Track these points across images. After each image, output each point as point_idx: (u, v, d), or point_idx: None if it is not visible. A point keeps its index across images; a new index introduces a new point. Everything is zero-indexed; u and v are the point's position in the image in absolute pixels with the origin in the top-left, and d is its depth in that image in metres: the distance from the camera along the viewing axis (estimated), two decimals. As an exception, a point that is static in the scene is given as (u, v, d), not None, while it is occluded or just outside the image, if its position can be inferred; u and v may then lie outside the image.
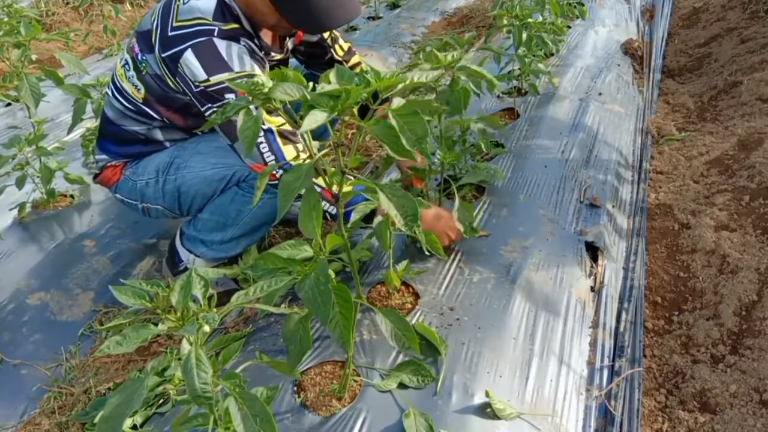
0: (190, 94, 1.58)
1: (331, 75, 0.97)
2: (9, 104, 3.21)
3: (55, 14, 4.70)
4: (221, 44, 1.52)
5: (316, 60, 2.03)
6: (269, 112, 1.48)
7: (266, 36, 1.73)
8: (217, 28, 1.53)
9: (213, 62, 1.50)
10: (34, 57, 2.07)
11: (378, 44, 4.20)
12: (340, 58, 2.03)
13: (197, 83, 1.52)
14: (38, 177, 2.22)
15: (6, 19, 2.11)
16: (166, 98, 1.68)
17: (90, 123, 2.37)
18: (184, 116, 1.74)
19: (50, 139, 2.77)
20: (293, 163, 1.50)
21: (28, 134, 2.16)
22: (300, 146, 1.54)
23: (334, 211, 1.55)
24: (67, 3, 4.90)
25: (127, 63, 1.71)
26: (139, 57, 1.66)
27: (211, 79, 1.50)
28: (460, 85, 1.53)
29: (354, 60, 2.08)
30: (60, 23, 4.66)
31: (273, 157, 1.51)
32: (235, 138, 1.54)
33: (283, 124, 1.52)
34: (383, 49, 4.10)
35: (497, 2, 2.58)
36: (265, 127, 1.50)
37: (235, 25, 1.57)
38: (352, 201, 1.43)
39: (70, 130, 2.26)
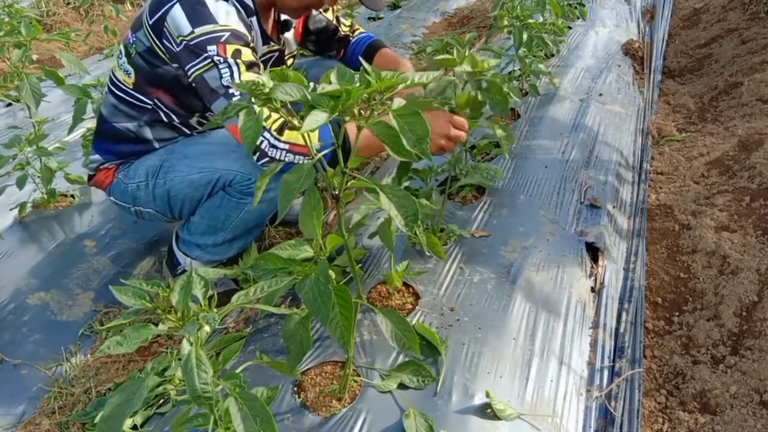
0: (175, 58, 1.60)
1: (332, 75, 0.97)
2: (10, 104, 3.21)
3: (55, 14, 4.70)
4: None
5: (329, 42, 2.09)
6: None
7: (267, 24, 1.77)
8: None
9: (198, 14, 1.53)
10: (34, 57, 2.08)
11: (378, 45, 4.18)
12: (348, 33, 2.10)
13: (180, 38, 1.54)
14: (39, 177, 2.22)
15: (7, 19, 2.11)
16: (155, 76, 1.70)
17: (90, 123, 2.36)
18: (173, 93, 1.74)
19: (51, 139, 2.77)
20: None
21: (29, 134, 2.16)
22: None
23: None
24: (68, 3, 4.91)
25: (120, 53, 1.77)
26: (131, 40, 1.70)
27: (195, 30, 1.52)
28: (503, 88, 1.56)
29: (358, 29, 2.15)
30: (61, 23, 4.66)
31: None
32: (211, 100, 1.58)
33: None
34: (384, 49, 4.09)
35: (498, 3, 2.58)
36: (236, 93, 1.53)
37: None
38: (321, 135, 1.45)
39: (70, 131, 2.27)
